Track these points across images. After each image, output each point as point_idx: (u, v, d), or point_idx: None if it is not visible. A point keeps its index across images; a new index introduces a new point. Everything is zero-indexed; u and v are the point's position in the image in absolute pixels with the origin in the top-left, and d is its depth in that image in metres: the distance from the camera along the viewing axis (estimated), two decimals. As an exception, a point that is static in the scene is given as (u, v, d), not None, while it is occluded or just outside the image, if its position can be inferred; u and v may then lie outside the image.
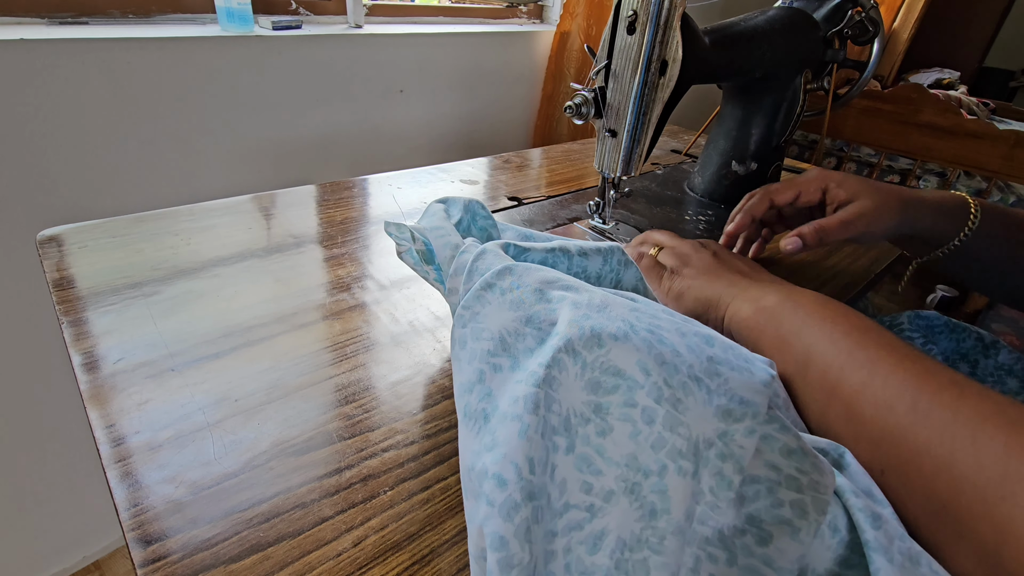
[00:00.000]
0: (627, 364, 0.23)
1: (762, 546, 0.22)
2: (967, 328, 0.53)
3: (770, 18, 0.58)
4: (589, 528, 0.22)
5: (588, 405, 0.23)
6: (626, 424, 0.23)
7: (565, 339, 0.23)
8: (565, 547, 0.22)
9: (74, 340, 0.36)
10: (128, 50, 0.71)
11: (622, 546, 0.22)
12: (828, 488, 0.22)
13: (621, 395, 0.23)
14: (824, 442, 0.27)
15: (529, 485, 0.21)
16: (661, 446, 0.22)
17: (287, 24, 0.86)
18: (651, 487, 0.22)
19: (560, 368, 0.23)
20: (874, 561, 0.21)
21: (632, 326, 0.24)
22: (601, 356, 0.23)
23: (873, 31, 0.64)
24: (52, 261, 0.44)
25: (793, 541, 0.21)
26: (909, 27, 1.60)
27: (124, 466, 0.28)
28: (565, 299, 0.25)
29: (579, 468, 0.23)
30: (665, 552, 0.21)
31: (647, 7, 0.43)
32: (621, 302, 0.26)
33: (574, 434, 0.23)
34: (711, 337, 0.25)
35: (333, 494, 0.28)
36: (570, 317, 0.24)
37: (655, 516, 0.22)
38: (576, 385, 0.23)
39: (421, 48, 1.02)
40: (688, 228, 0.64)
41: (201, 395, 0.33)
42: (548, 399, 0.23)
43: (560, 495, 0.22)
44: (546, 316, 0.25)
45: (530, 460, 0.21)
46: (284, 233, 0.52)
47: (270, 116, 0.88)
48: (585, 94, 0.48)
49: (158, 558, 0.24)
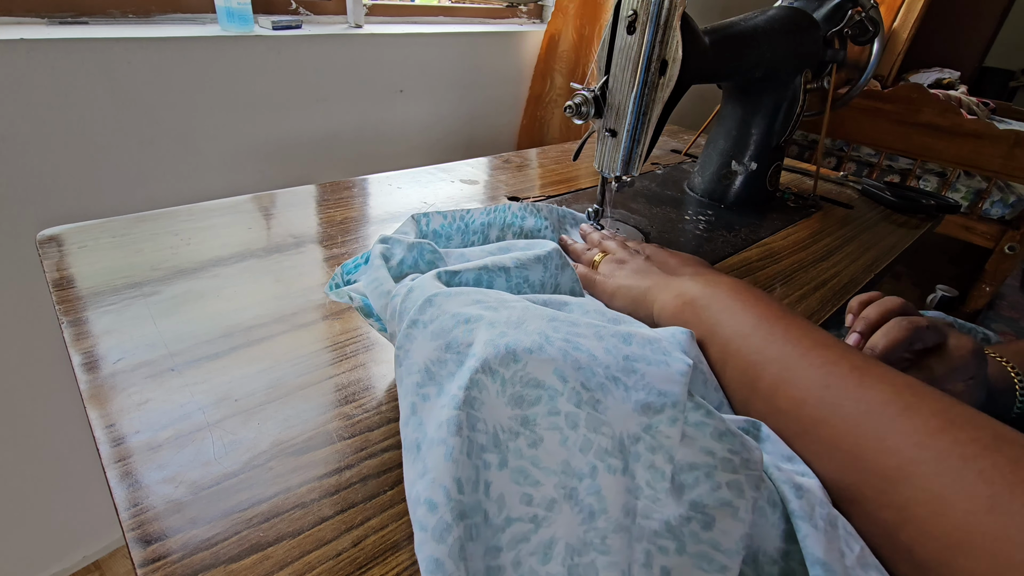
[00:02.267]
0: (544, 374, 0.24)
1: (707, 530, 0.22)
2: (973, 328, 0.52)
3: (770, 18, 0.58)
4: (536, 539, 0.22)
5: (515, 419, 0.23)
6: (554, 432, 0.23)
7: (481, 360, 0.24)
8: (514, 561, 0.22)
9: (74, 340, 0.36)
10: (128, 50, 0.71)
11: (572, 552, 0.22)
12: (758, 464, 0.23)
13: (544, 405, 0.24)
14: (741, 419, 0.28)
15: (459, 505, 0.21)
16: (588, 448, 0.23)
17: (287, 24, 0.86)
18: (586, 489, 0.22)
19: (479, 388, 0.23)
20: (800, 528, 0.22)
21: (547, 337, 0.25)
22: (519, 371, 0.24)
23: (873, 31, 0.64)
24: (52, 261, 0.44)
25: (735, 521, 0.22)
26: (909, 27, 1.60)
27: (124, 466, 0.28)
28: (482, 320, 0.26)
29: (516, 481, 0.23)
30: (610, 551, 0.22)
31: (647, 7, 0.43)
32: (540, 314, 0.26)
33: (505, 449, 0.23)
34: (630, 336, 0.26)
35: (333, 494, 0.28)
36: (486, 338, 0.24)
37: (594, 517, 0.22)
38: (499, 402, 0.24)
39: (421, 48, 1.02)
40: (688, 228, 0.64)
41: (201, 395, 0.33)
42: (471, 419, 0.23)
43: (499, 510, 0.22)
44: (464, 339, 0.25)
45: (458, 481, 0.22)
46: (284, 233, 0.52)
47: (270, 116, 0.88)
48: (585, 94, 0.48)
49: (158, 558, 0.24)
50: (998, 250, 1.68)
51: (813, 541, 0.22)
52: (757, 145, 0.67)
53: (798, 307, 0.50)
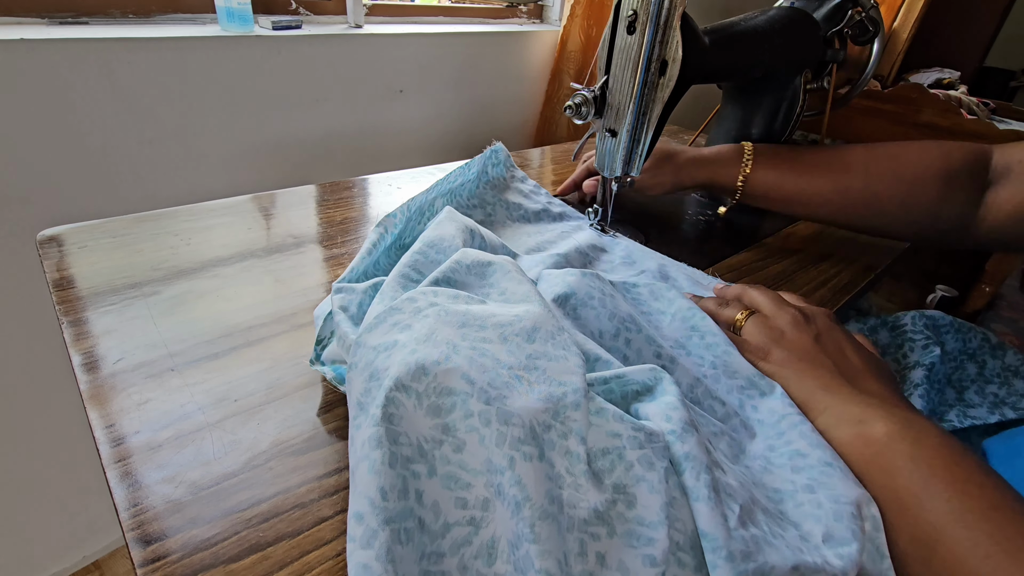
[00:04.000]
0: (454, 381, 0.25)
1: (631, 509, 0.24)
2: (973, 328, 0.53)
3: (770, 18, 0.58)
4: (478, 540, 0.23)
5: (435, 428, 0.25)
6: (472, 433, 0.24)
7: (393, 379, 0.24)
8: (460, 566, 0.23)
9: (74, 340, 0.36)
10: (128, 50, 0.71)
11: (512, 548, 0.23)
12: (660, 435, 0.25)
13: (459, 410, 0.25)
14: (644, 369, 0.30)
15: (385, 511, 0.22)
16: (503, 441, 0.24)
17: (287, 24, 0.86)
18: (509, 482, 0.23)
19: (396, 405, 0.24)
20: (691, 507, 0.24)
21: (454, 347, 0.26)
22: (430, 383, 0.25)
23: (873, 31, 0.64)
24: (52, 261, 0.44)
25: (652, 494, 0.24)
26: (909, 27, 1.60)
27: (124, 466, 0.28)
28: (397, 344, 0.27)
29: (447, 487, 0.24)
30: (540, 539, 0.22)
31: (647, 7, 0.43)
32: (453, 321, 0.28)
33: (431, 458, 0.24)
34: (534, 331, 0.29)
35: (332, 494, 0.28)
36: (398, 358, 0.26)
37: (520, 508, 0.23)
38: (417, 415, 0.25)
39: (421, 48, 1.02)
40: (688, 228, 0.64)
41: (201, 395, 0.33)
42: (391, 433, 0.24)
43: (436, 517, 0.23)
44: (382, 366, 0.26)
45: (382, 490, 0.22)
46: (284, 233, 0.52)
47: (270, 116, 0.88)
48: (585, 94, 0.48)
49: (158, 558, 0.24)
50: (998, 250, 1.68)
51: (697, 515, 0.24)
52: (757, 145, 0.67)
53: (798, 307, 0.50)
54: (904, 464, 0.27)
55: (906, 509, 0.26)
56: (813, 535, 0.26)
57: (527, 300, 0.31)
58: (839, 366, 0.34)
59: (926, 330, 0.52)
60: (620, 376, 0.29)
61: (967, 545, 0.24)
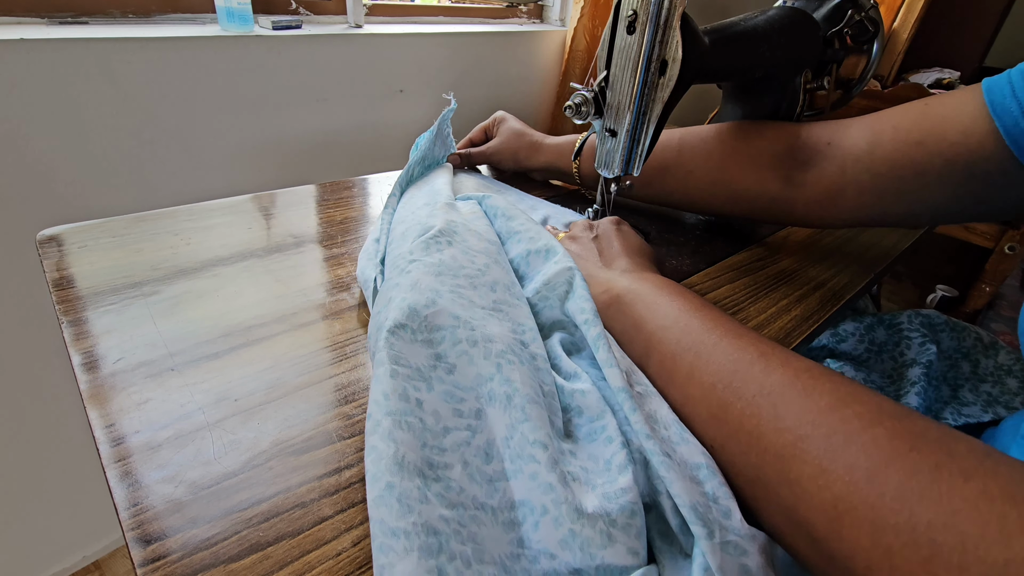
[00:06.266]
0: (442, 319, 0.31)
1: (585, 397, 0.31)
2: (967, 327, 0.53)
3: (770, 18, 0.58)
4: (475, 443, 0.27)
5: (430, 357, 0.30)
6: (462, 357, 0.30)
7: (392, 321, 0.31)
8: (460, 459, 0.26)
9: (74, 340, 0.36)
10: (128, 50, 0.71)
11: (506, 443, 0.27)
12: (574, 268, 0.37)
13: (448, 341, 0.31)
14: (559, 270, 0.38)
15: (386, 407, 0.26)
16: (490, 354, 0.30)
17: (287, 24, 0.86)
18: (499, 383, 0.29)
19: (396, 338, 0.30)
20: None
21: (437, 292, 0.33)
22: (422, 322, 0.31)
23: (873, 31, 0.64)
24: (52, 261, 0.44)
25: (614, 369, 0.30)
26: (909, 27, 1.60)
27: (124, 466, 0.28)
28: (392, 295, 0.33)
29: (445, 400, 0.29)
30: (531, 418, 0.27)
31: (647, 7, 0.43)
32: (432, 271, 0.35)
33: (429, 378, 0.29)
34: (495, 284, 0.36)
35: (333, 494, 0.28)
36: (394, 306, 0.32)
37: (511, 399, 0.28)
38: (414, 348, 0.30)
39: (421, 48, 1.02)
40: (688, 228, 0.64)
41: (201, 395, 0.33)
42: (393, 358, 0.29)
43: (436, 421, 0.28)
44: (383, 317, 0.32)
45: (384, 393, 0.27)
46: (284, 233, 0.52)
47: (270, 116, 0.88)
48: (585, 94, 0.48)
49: (158, 558, 0.24)
50: (998, 250, 1.68)
51: (611, 378, 0.30)
52: (757, 145, 0.67)
53: (798, 307, 0.50)
54: (631, 303, 0.36)
55: (634, 334, 0.34)
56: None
57: (484, 253, 0.39)
58: (604, 255, 0.44)
59: (922, 328, 0.52)
60: (545, 283, 0.37)
61: (675, 336, 0.32)
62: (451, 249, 0.37)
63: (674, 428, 0.29)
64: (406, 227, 0.42)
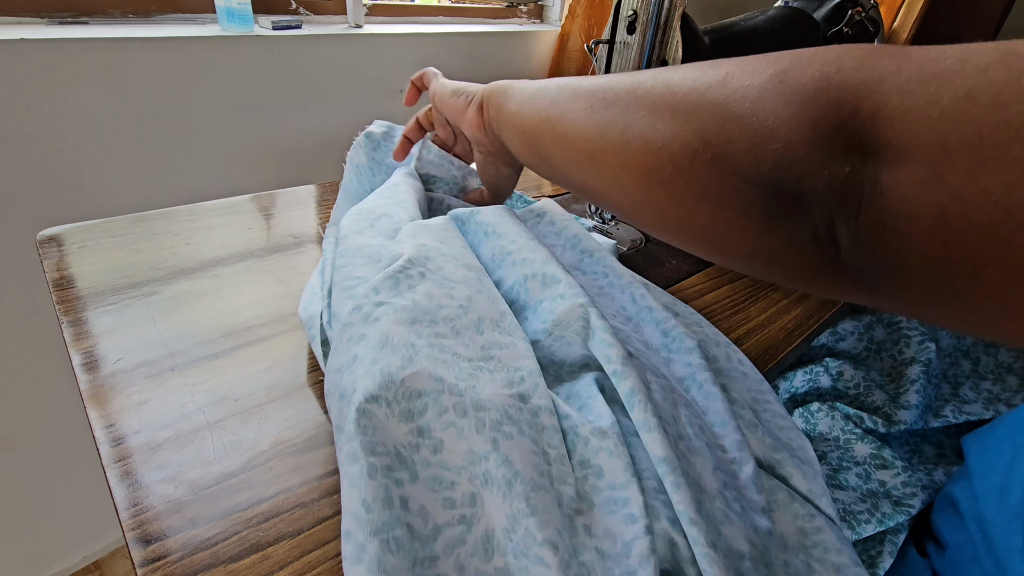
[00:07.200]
0: (423, 383, 0.25)
1: (600, 478, 0.26)
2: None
3: (770, 18, 0.58)
4: (471, 538, 0.23)
5: (411, 433, 0.25)
6: (449, 429, 0.25)
7: (362, 393, 0.24)
8: (456, 566, 0.23)
9: (74, 340, 0.36)
10: (128, 50, 0.71)
11: (508, 535, 0.23)
12: (587, 304, 0.31)
13: (432, 409, 0.25)
14: (574, 311, 0.32)
15: (369, 523, 0.21)
16: (482, 426, 0.25)
17: (287, 24, 0.86)
18: (495, 464, 0.24)
19: (368, 417, 0.24)
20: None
21: (413, 347, 0.26)
22: (398, 389, 0.25)
23: (873, 31, 0.64)
24: (52, 261, 0.44)
25: (612, 459, 0.26)
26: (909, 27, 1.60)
27: (124, 466, 0.28)
28: (356, 358, 0.26)
29: (432, 489, 0.24)
30: (537, 511, 0.23)
31: (647, 7, 0.43)
32: (401, 321, 0.28)
33: (411, 464, 0.24)
34: (480, 322, 0.30)
35: (333, 493, 0.28)
36: (361, 372, 0.25)
37: (511, 486, 0.23)
38: (391, 424, 0.24)
39: (421, 48, 1.02)
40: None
41: (201, 395, 0.33)
42: (366, 445, 0.23)
43: (425, 522, 0.23)
44: (349, 384, 0.26)
45: (364, 502, 0.22)
46: (284, 233, 0.52)
47: (270, 116, 0.88)
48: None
49: (158, 558, 0.24)
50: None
51: (651, 444, 0.26)
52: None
53: (796, 307, 0.50)
54: (488, 97, 0.38)
55: (502, 124, 0.35)
56: (715, 423, 0.31)
57: (464, 282, 0.32)
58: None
59: (921, 326, 0.52)
60: (555, 326, 0.32)
61: (534, 109, 0.31)
62: (425, 284, 0.30)
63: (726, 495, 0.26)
64: (364, 240, 0.35)
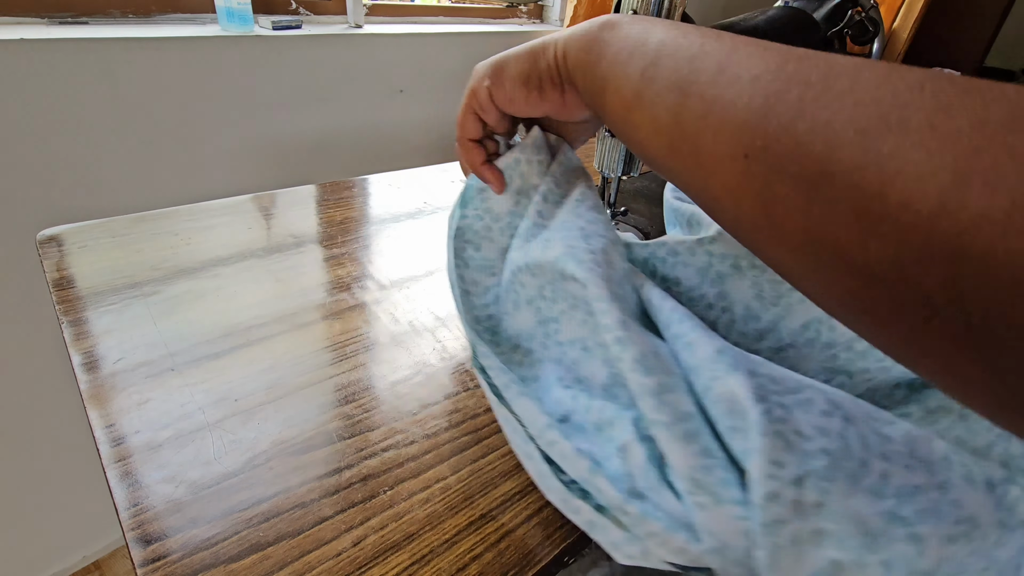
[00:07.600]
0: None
1: None
2: None
3: (770, 18, 0.58)
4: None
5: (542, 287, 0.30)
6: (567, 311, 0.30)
7: (516, 264, 0.30)
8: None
9: (74, 340, 0.36)
10: (128, 50, 0.71)
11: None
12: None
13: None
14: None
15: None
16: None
17: (287, 24, 0.86)
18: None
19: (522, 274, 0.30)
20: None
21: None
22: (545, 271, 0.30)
23: (873, 31, 0.64)
24: (52, 261, 0.44)
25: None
26: (909, 27, 1.60)
27: (124, 466, 0.28)
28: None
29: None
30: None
31: (647, 7, 0.43)
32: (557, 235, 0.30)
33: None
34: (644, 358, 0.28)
35: (333, 494, 0.28)
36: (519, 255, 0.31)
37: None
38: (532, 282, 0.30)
39: (421, 48, 1.02)
40: (688, 228, 0.64)
41: (201, 395, 0.33)
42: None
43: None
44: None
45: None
46: (284, 233, 0.52)
47: (270, 116, 0.88)
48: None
49: (158, 557, 0.24)
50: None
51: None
52: (757, 145, 0.67)
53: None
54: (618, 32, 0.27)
55: (635, 52, 0.26)
56: None
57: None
58: None
59: None
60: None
61: (678, 52, 0.24)
62: None
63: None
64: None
